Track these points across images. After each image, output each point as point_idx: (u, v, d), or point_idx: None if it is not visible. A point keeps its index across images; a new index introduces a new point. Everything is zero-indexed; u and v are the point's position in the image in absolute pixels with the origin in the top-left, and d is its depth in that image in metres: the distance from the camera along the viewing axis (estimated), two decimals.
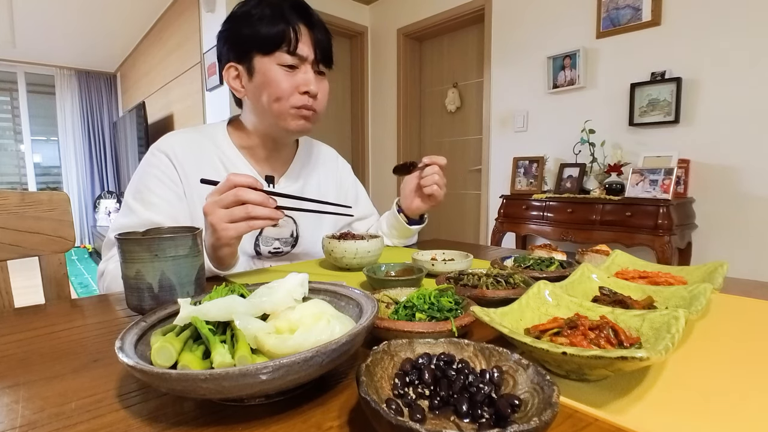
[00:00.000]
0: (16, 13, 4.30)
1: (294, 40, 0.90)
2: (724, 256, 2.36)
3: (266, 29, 0.89)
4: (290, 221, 1.05)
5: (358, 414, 0.35)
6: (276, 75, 0.91)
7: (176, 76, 4.33)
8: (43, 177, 6.16)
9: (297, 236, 1.06)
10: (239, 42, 0.93)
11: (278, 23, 0.89)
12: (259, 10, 0.90)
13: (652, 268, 0.73)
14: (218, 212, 0.71)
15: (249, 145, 1.02)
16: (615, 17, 2.64)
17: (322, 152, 1.21)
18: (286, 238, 1.04)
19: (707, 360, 0.45)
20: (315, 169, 1.14)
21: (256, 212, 0.71)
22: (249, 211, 0.70)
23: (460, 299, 0.54)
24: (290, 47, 0.90)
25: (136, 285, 0.58)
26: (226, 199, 0.71)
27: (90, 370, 0.44)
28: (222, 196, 0.71)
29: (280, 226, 1.02)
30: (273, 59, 0.90)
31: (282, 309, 0.43)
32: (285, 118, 0.94)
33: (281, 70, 0.91)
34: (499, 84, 3.34)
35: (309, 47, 0.92)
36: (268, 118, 0.96)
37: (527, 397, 0.32)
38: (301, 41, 0.91)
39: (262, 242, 1.01)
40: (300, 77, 0.92)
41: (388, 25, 4.17)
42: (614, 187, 2.46)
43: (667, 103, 2.45)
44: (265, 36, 0.89)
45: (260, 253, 1.02)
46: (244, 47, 0.92)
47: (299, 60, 0.91)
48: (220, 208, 0.71)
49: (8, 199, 0.83)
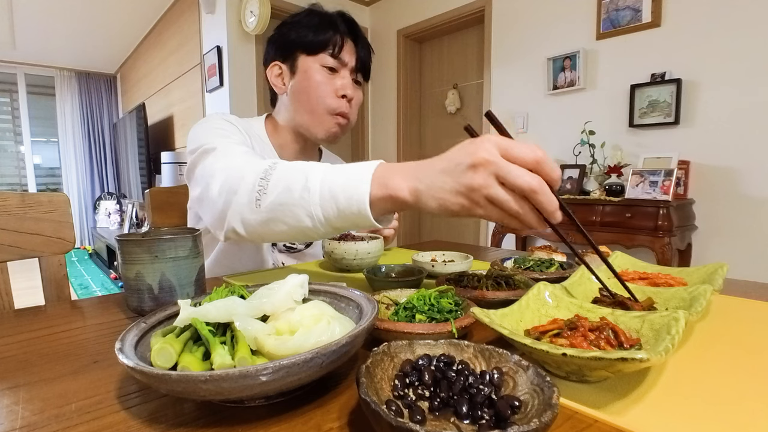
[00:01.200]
0: (16, 14, 4.30)
1: (339, 46, 0.95)
2: (724, 257, 2.36)
3: (314, 33, 0.95)
4: None
5: (358, 415, 0.35)
6: (316, 74, 0.95)
7: (176, 78, 4.33)
8: (43, 178, 6.16)
9: None
10: (286, 43, 0.98)
11: (327, 29, 0.95)
12: (308, 19, 0.97)
13: (652, 270, 0.74)
14: (491, 180, 0.46)
15: (281, 142, 1.05)
16: (615, 18, 2.64)
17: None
18: None
19: (707, 361, 0.45)
20: None
21: (527, 217, 0.47)
22: (522, 212, 0.46)
23: (460, 300, 0.54)
24: (334, 50, 0.95)
25: (136, 286, 0.58)
26: (518, 178, 0.45)
27: (90, 371, 0.44)
28: (514, 169, 0.45)
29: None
30: (316, 60, 0.95)
31: (282, 310, 0.43)
32: (320, 121, 0.98)
33: (322, 71, 0.96)
34: (499, 85, 3.34)
35: (351, 56, 0.98)
36: (302, 116, 0.99)
37: (527, 399, 0.32)
38: (345, 49, 0.96)
39: None
40: (338, 81, 0.97)
41: (388, 27, 4.17)
42: (614, 188, 2.46)
43: (667, 105, 2.45)
44: (312, 38, 0.95)
45: (275, 245, 1.04)
46: (290, 47, 0.97)
47: (340, 64, 0.96)
48: (497, 178, 0.46)
49: (8, 200, 0.83)
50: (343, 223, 0.57)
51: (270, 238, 0.67)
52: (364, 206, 0.53)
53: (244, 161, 0.71)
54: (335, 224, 0.58)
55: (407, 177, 0.52)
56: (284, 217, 0.60)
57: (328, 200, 0.56)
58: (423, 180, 0.50)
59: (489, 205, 0.46)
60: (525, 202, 0.46)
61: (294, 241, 0.73)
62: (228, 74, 3.36)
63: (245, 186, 0.65)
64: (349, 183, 0.55)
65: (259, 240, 0.71)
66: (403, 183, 0.52)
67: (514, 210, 0.46)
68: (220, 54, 3.37)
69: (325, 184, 0.56)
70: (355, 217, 0.55)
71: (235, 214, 0.66)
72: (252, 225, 0.64)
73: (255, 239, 0.68)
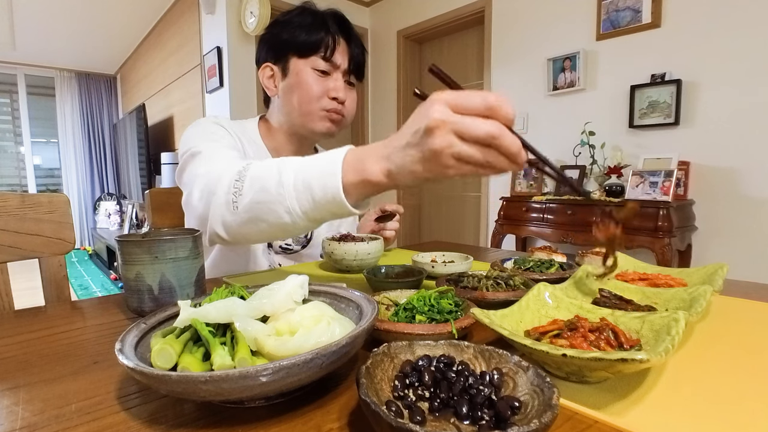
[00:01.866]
0: (16, 14, 4.30)
1: (331, 48, 0.94)
2: (724, 258, 2.36)
3: (306, 34, 0.93)
4: None
5: (358, 416, 0.35)
6: (308, 77, 0.94)
7: (176, 78, 4.33)
8: (43, 179, 6.16)
9: (310, 237, 1.07)
10: (278, 44, 0.97)
11: (318, 30, 0.93)
12: (300, 18, 0.94)
13: (652, 270, 0.74)
14: (451, 138, 0.45)
15: (275, 145, 1.05)
16: (615, 19, 2.64)
17: None
18: (299, 237, 1.05)
19: (707, 362, 0.45)
20: None
21: (498, 163, 0.46)
22: (491, 160, 0.45)
23: (460, 301, 0.54)
24: (326, 53, 0.93)
25: (136, 287, 0.58)
26: (475, 129, 0.44)
27: (90, 372, 0.44)
28: (469, 122, 0.45)
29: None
30: (308, 63, 0.94)
31: (282, 311, 0.43)
32: (313, 119, 0.97)
33: (314, 74, 0.94)
34: (499, 86, 3.34)
35: (344, 57, 0.96)
36: (296, 118, 0.98)
37: (527, 399, 0.32)
38: (337, 51, 0.95)
39: None
40: (331, 83, 0.96)
41: (388, 27, 4.17)
42: (614, 189, 2.46)
43: (667, 105, 2.45)
44: (303, 40, 0.93)
45: (271, 245, 1.03)
46: (282, 49, 0.96)
47: (332, 67, 0.95)
48: (456, 135, 0.45)
49: (8, 201, 0.83)
50: (321, 214, 0.57)
51: (253, 239, 0.68)
52: (338, 194, 0.53)
53: (223, 165, 0.71)
54: (313, 216, 0.58)
55: (378, 159, 0.52)
56: (263, 215, 0.60)
57: (303, 192, 0.56)
58: (392, 158, 0.50)
59: (458, 163, 0.46)
60: (490, 149, 0.45)
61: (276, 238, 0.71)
62: (228, 75, 3.36)
63: (221, 189, 0.66)
64: (322, 173, 0.55)
65: (244, 241, 0.70)
66: (375, 166, 0.52)
67: (482, 160, 0.45)
68: (220, 55, 3.37)
69: (299, 177, 0.57)
70: (331, 205, 0.55)
71: (215, 218, 0.67)
72: (233, 227, 0.66)
73: (239, 240, 0.69)
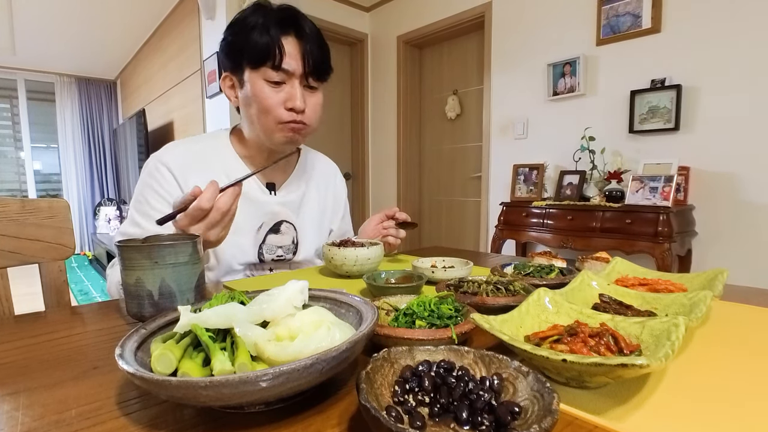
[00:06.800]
0: (16, 20, 4.32)
1: (278, 56, 0.87)
2: (724, 263, 2.36)
3: (254, 41, 0.87)
4: (291, 228, 1.05)
5: (358, 421, 0.35)
6: (261, 90, 0.89)
7: (176, 84, 4.34)
8: (43, 184, 6.16)
9: (297, 243, 1.06)
10: (232, 52, 0.92)
11: (264, 36, 0.86)
12: (254, 19, 0.88)
13: (652, 276, 0.74)
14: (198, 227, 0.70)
15: (248, 154, 1.03)
16: (615, 24, 2.65)
17: (322, 164, 1.21)
18: (288, 245, 1.05)
19: (707, 367, 0.45)
20: (314, 179, 1.15)
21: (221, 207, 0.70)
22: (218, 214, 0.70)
23: (460, 306, 0.54)
24: (275, 62, 0.87)
25: (136, 292, 0.58)
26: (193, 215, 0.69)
27: (90, 377, 0.44)
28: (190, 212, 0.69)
29: (282, 233, 1.03)
30: (259, 74, 0.89)
31: (282, 316, 0.43)
32: (273, 133, 0.94)
33: (267, 86, 0.89)
34: (499, 91, 3.35)
35: (297, 61, 0.89)
36: (258, 130, 0.96)
37: (527, 405, 0.32)
38: (288, 55, 0.88)
39: (266, 250, 1.02)
40: (286, 93, 0.90)
41: (388, 33, 4.19)
42: (614, 194, 2.46)
43: (667, 111, 2.46)
44: (252, 49, 0.87)
45: (264, 260, 1.02)
46: (236, 59, 0.92)
47: (285, 75, 0.89)
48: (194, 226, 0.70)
49: (8, 206, 0.84)
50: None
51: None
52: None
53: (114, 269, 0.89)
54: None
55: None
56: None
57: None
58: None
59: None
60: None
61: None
62: None
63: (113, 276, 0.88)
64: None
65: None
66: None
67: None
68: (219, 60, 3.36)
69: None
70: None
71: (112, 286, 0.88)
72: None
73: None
